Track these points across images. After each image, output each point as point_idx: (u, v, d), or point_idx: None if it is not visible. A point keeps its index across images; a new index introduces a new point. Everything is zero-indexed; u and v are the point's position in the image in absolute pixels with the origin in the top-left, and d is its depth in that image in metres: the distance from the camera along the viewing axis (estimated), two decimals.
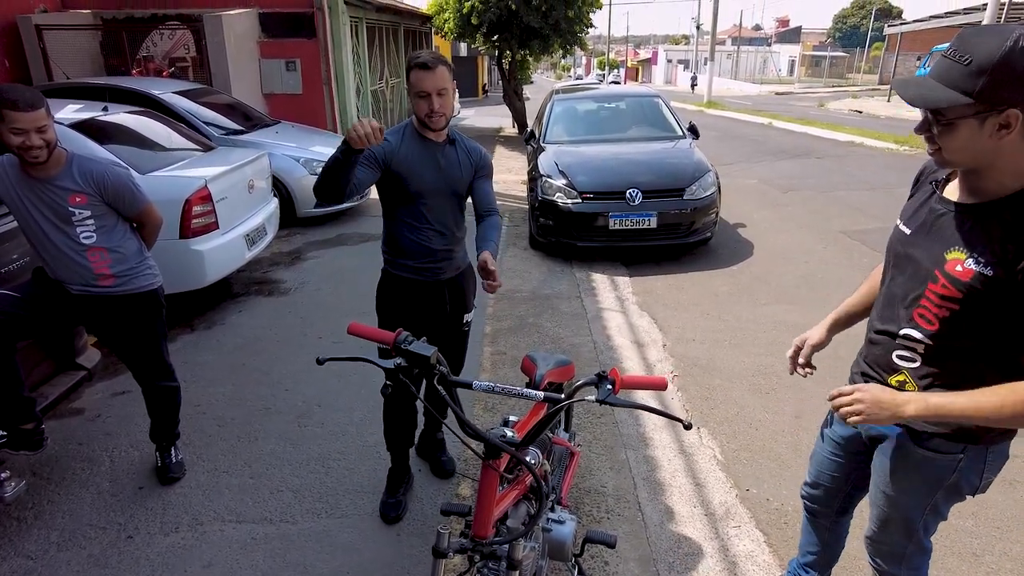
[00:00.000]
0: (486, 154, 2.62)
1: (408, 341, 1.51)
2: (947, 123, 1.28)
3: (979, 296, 1.33)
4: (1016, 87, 1.19)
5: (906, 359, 1.51)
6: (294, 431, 3.38)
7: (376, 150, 2.30)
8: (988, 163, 1.30)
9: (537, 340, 4.41)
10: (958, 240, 1.36)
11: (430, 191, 2.42)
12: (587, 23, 13.83)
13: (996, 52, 1.19)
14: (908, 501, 1.62)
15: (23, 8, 8.91)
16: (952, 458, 1.51)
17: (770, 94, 35.29)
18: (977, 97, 1.22)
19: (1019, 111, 1.21)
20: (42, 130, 2.31)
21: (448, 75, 2.25)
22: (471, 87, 33.55)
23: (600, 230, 5.91)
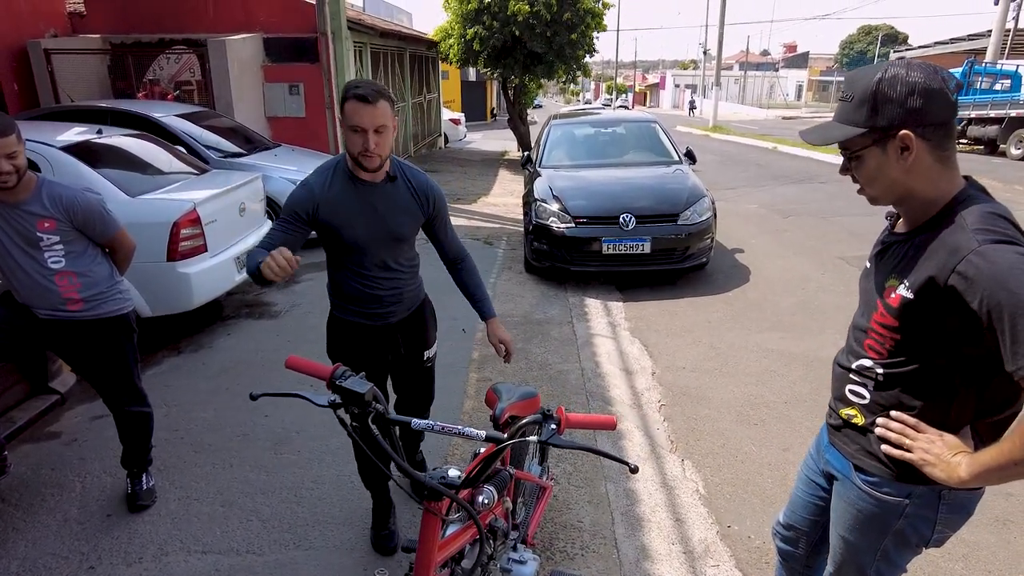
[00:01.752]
0: (437, 191, 2.32)
1: (344, 377, 1.47)
2: (856, 157, 1.35)
3: (911, 321, 1.33)
4: (894, 109, 1.26)
5: (856, 394, 1.48)
6: (270, 458, 3.32)
7: (299, 205, 2.12)
8: (907, 191, 1.34)
9: (524, 367, 4.34)
10: (894, 268, 1.39)
11: (367, 240, 2.19)
12: (590, 48, 13.95)
13: (871, 83, 1.28)
14: (857, 544, 1.56)
15: (34, 33, 9.08)
16: (898, 502, 1.44)
17: (777, 119, 35.36)
18: (866, 125, 1.30)
19: (910, 132, 1.27)
20: (12, 156, 2.31)
21: (389, 111, 2.00)
22: (479, 111, 33.87)
23: (594, 255, 5.87)
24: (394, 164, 2.22)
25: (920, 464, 1.35)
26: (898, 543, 1.51)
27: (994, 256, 1.18)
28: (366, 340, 2.40)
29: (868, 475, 1.47)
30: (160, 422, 3.64)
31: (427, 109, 18.01)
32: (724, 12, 25.26)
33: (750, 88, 52.10)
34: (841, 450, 1.54)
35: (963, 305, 1.22)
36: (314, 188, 2.14)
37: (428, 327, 2.57)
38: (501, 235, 8.17)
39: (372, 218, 2.18)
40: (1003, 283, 1.15)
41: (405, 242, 2.32)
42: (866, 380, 1.45)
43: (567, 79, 14.81)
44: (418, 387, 2.66)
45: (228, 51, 8.96)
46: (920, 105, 1.25)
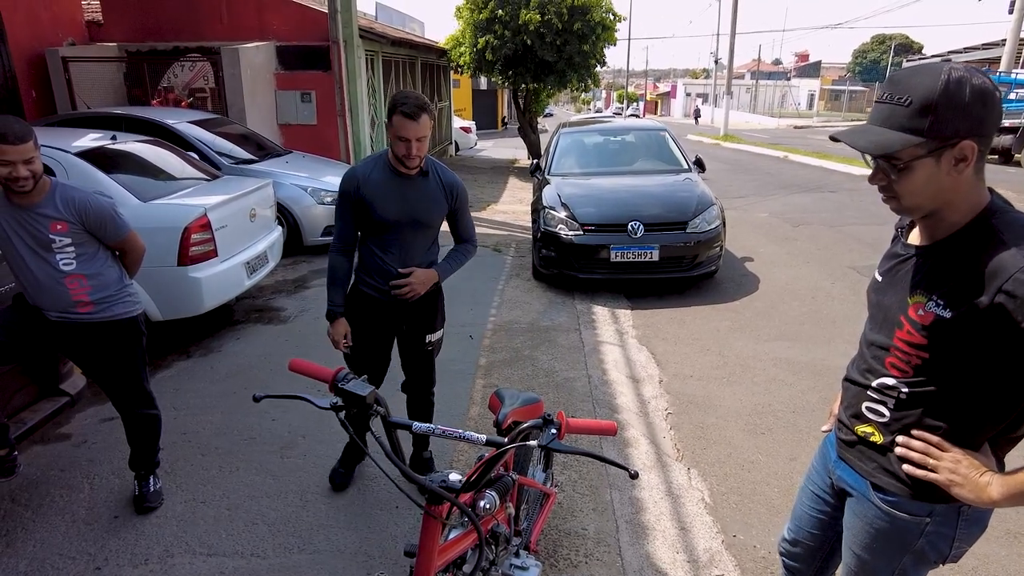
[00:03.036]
0: (461, 187, 2.75)
1: (347, 379, 1.48)
2: (904, 167, 1.24)
3: (944, 340, 1.27)
4: (962, 117, 1.17)
5: (875, 412, 1.43)
6: (276, 462, 3.34)
7: (347, 186, 2.61)
8: (946, 203, 1.26)
9: (531, 373, 4.34)
10: (919, 284, 1.31)
11: (393, 220, 2.58)
12: (600, 58, 13.98)
13: (935, 87, 1.17)
14: (875, 564, 1.51)
15: (53, 41, 9.23)
16: (918, 521, 1.40)
17: (788, 128, 35.26)
18: (928, 135, 1.19)
19: (972, 142, 1.18)
20: (29, 162, 2.35)
21: (429, 123, 2.41)
22: (490, 119, 33.98)
23: (602, 262, 5.87)
24: (428, 162, 2.62)
25: (947, 485, 1.30)
26: (916, 561, 1.46)
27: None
28: (376, 313, 2.76)
29: (887, 494, 1.43)
30: (168, 425, 3.67)
31: (438, 117, 18.10)
32: (735, 21, 25.27)
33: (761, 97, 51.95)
34: (856, 467, 1.50)
35: (1008, 324, 1.17)
36: (358, 172, 2.61)
37: (436, 314, 2.87)
38: (510, 242, 8.19)
39: (401, 203, 2.58)
40: None
41: (428, 228, 2.69)
42: (886, 398, 1.40)
43: (578, 88, 14.87)
44: (418, 368, 2.96)
45: (241, 59, 9.07)
46: (984, 114, 1.18)
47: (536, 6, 12.63)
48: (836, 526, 1.65)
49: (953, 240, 1.27)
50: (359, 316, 2.76)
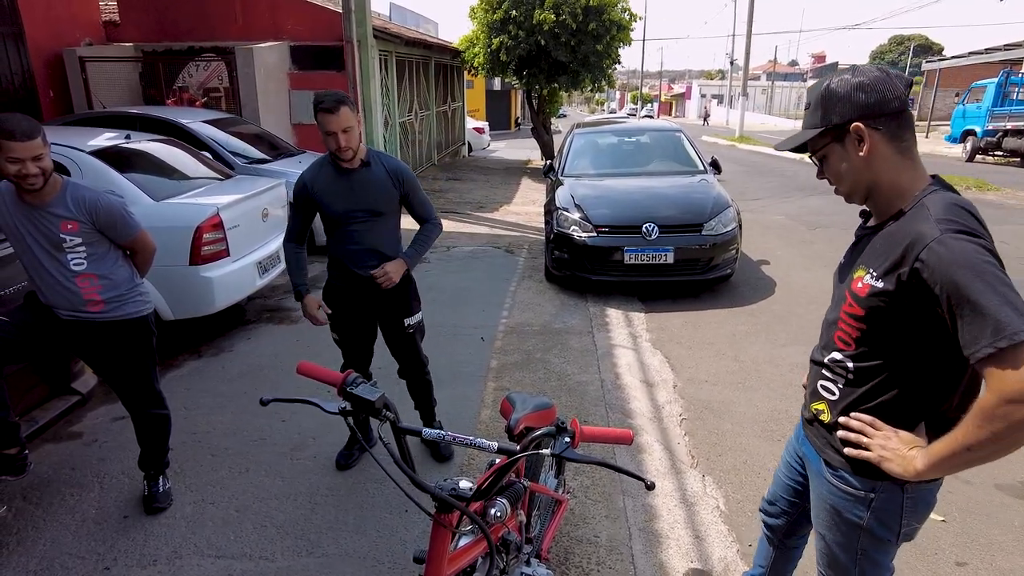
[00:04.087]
0: (406, 171, 2.89)
1: (355, 384, 1.45)
2: (821, 157, 1.46)
3: (877, 310, 1.36)
4: (845, 105, 1.37)
5: (827, 390, 1.53)
6: (286, 464, 3.32)
7: (299, 192, 2.83)
8: (873, 183, 1.41)
9: (543, 377, 4.30)
10: (862, 260, 1.43)
11: (344, 213, 2.77)
12: (615, 58, 13.91)
13: (822, 88, 1.42)
14: (835, 541, 1.58)
15: (70, 41, 9.31)
16: (863, 496, 1.48)
17: None
18: (823, 124, 1.41)
19: (861, 124, 1.36)
20: (38, 159, 2.34)
21: (350, 113, 2.57)
22: (504, 120, 33.97)
23: (615, 264, 5.81)
24: (369, 153, 2.80)
25: (878, 461, 1.38)
26: (873, 540, 1.51)
27: (954, 245, 1.22)
28: (348, 301, 2.95)
29: (834, 469, 1.52)
30: (179, 425, 3.66)
31: (451, 118, 18.11)
32: (751, 22, 25.08)
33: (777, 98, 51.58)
34: (812, 443, 1.60)
35: (925, 293, 1.27)
36: (306, 177, 2.81)
37: (409, 298, 3.03)
38: (522, 244, 8.15)
39: (348, 196, 2.76)
40: (960, 271, 1.20)
41: (381, 216, 2.83)
42: (837, 377, 1.50)
43: (592, 88, 14.80)
44: (405, 353, 3.11)
45: (255, 59, 9.09)
46: (867, 99, 1.35)
47: (551, 6, 12.59)
48: (806, 496, 1.73)
49: (894, 219, 1.39)
50: (336, 308, 2.97)
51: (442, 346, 4.64)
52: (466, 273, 6.73)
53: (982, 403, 1.22)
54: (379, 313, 3.02)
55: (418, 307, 3.09)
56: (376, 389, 1.44)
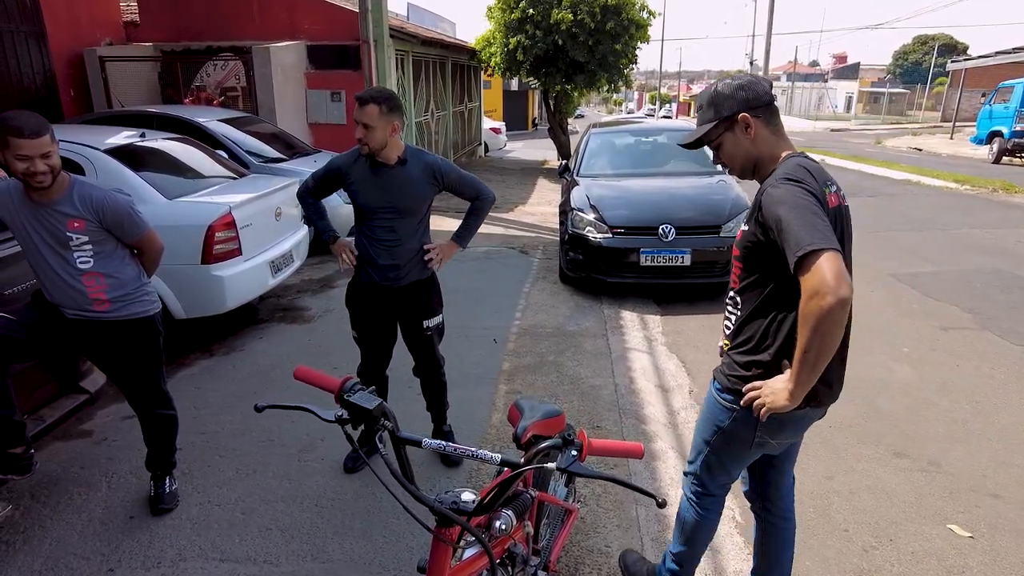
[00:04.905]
0: (442, 165, 2.90)
1: (353, 390, 1.39)
2: (717, 145, 1.83)
3: (746, 250, 1.77)
4: (731, 102, 1.76)
5: (727, 325, 1.92)
6: (293, 466, 3.28)
7: (335, 164, 2.88)
8: (757, 158, 1.79)
9: (555, 380, 4.22)
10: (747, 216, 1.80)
11: (373, 208, 2.81)
12: (633, 58, 13.78)
13: (710, 91, 1.80)
14: (701, 434, 2.03)
15: (91, 41, 9.41)
16: (726, 407, 1.89)
17: (825, 131, 34.46)
18: (716, 117, 1.78)
19: (746, 113, 1.75)
20: (46, 156, 2.31)
21: (376, 114, 2.61)
22: (521, 120, 33.90)
23: (631, 266, 5.72)
24: (407, 150, 2.83)
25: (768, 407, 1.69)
26: (728, 439, 1.92)
27: (781, 187, 1.61)
28: (368, 298, 2.97)
29: (716, 383, 1.94)
30: (188, 425, 3.65)
31: (468, 118, 18.08)
32: (772, 22, 24.79)
33: (797, 99, 50.98)
34: (714, 372, 1.97)
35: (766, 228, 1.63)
36: (343, 162, 2.88)
37: (431, 299, 3.03)
38: (537, 244, 8.08)
39: (379, 192, 2.79)
40: (780, 206, 1.57)
41: (411, 215, 2.85)
42: (731, 313, 1.88)
43: (609, 88, 14.70)
44: (422, 352, 3.12)
45: (272, 58, 9.11)
46: (747, 95, 1.75)
47: (568, 5, 12.50)
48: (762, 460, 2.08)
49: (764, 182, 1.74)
50: (359, 303, 3.01)
51: (454, 347, 4.58)
52: (480, 274, 6.67)
53: (799, 307, 1.54)
54: (400, 313, 3.03)
55: (439, 309, 3.10)
56: (374, 397, 1.39)
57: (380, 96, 2.64)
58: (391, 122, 2.68)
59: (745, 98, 1.74)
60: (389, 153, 2.76)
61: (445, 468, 3.22)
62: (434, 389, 3.25)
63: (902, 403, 3.92)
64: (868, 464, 3.28)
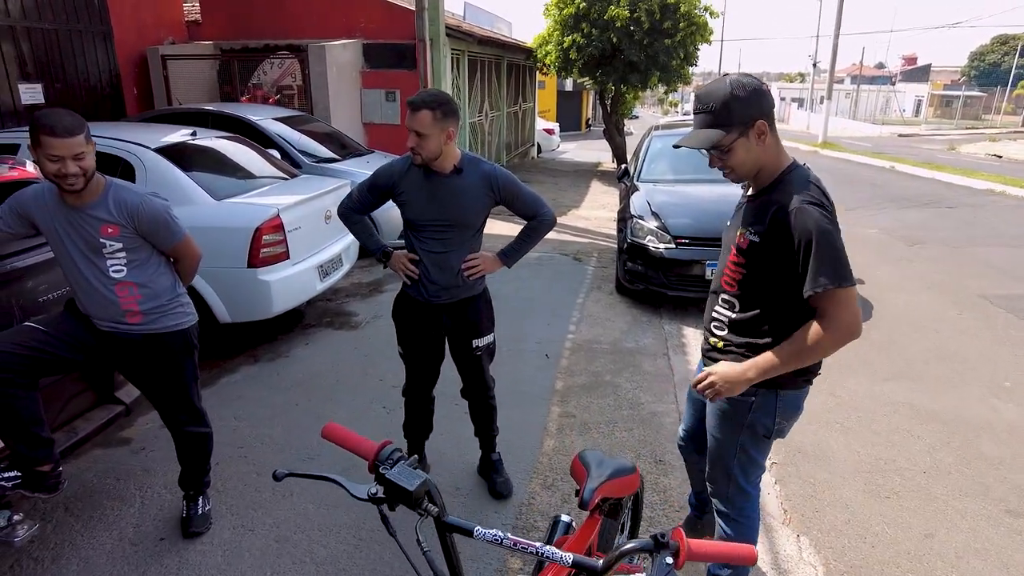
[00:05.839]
0: (502, 173, 2.63)
1: (391, 460, 1.15)
2: (728, 150, 1.76)
3: (753, 257, 1.80)
4: (749, 106, 1.71)
5: (720, 327, 1.97)
6: (333, 491, 3.05)
7: (383, 177, 2.65)
8: (762, 165, 1.79)
9: (612, 404, 3.92)
10: (744, 221, 1.85)
11: (423, 221, 2.58)
12: (691, 58, 13.28)
13: (725, 93, 1.71)
14: (722, 439, 2.04)
15: (154, 40, 9.56)
16: (746, 401, 1.92)
17: (892, 136, 32.83)
18: (737, 122, 1.72)
19: (763, 120, 1.73)
20: (79, 157, 2.16)
21: (429, 120, 2.37)
22: (574, 121, 33.49)
23: (695, 279, 5.36)
24: (464, 159, 2.57)
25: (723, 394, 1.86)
26: (752, 436, 1.98)
27: (808, 211, 1.66)
28: (415, 314, 2.77)
29: None
30: (226, 437, 3.51)
31: (521, 119, 17.85)
32: (840, 21, 23.69)
33: (862, 103, 48.91)
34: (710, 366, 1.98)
35: (786, 244, 1.70)
36: (395, 170, 2.61)
37: (480, 317, 2.79)
38: (591, 251, 7.76)
39: (431, 203, 2.55)
40: (809, 232, 1.64)
41: (464, 228, 2.62)
42: (723, 315, 1.94)
43: (665, 89, 14.19)
44: (470, 374, 2.89)
45: (327, 56, 9.05)
46: (764, 102, 1.74)
47: (626, 3, 12.11)
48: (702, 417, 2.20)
49: (766, 190, 1.80)
50: (406, 318, 2.81)
51: (504, 362, 4.31)
52: (531, 281, 6.41)
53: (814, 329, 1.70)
54: (448, 331, 2.80)
55: (490, 328, 2.85)
56: (416, 473, 1.14)
57: (434, 100, 2.39)
58: (446, 129, 2.42)
59: (763, 104, 1.74)
60: (444, 162, 2.51)
61: (492, 501, 2.97)
62: (482, 413, 3.01)
63: (1010, 448, 3.47)
64: (975, 522, 2.87)
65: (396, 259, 2.71)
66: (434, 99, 2.39)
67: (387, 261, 2.76)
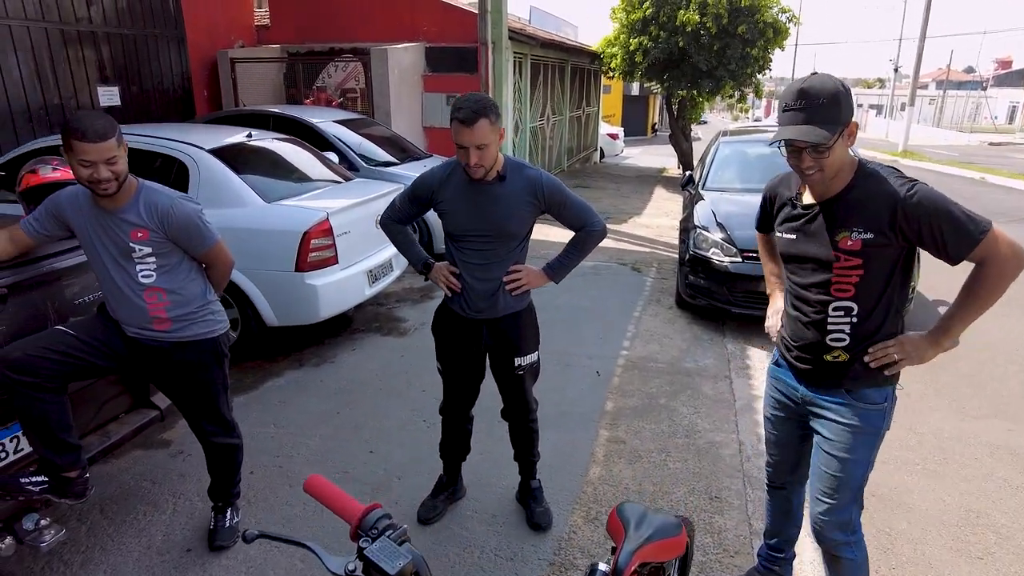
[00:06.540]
0: (547, 179, 2.43)
1: (376, 531, 0.99)
2: (828, 149, 1.71)
3: (871, 254, 1.78)
4: (849, 106, 1.73)
5: (838, 339, 1.87)
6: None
7: (421, 187, 2.49)
8: (842, 166, 1.79)
9: (667, 430, 3.65)
10: (838, 225, 1.80)
11: (464, 231, 2.42)
12: (765, 64, 12.71)
13: (837, 87, 1.71)
14: (854, 459, 1.91)
15: (225, 44, 9.83)
16: (882, 407, 1.89)
17: (981, 144, 30.73)
18: (841, 122, 1.71)
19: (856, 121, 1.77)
20: (111, 162, 2.09)
21: (490, 128, 2.19)
22: (640, 126, 32.94)
23: (762, 296, 4.96)
24: (507, 164, 2.39)
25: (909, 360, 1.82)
26: (879, 442, 1.94)
27: (921, 191, 1.71)
28: (454, 328, 2.60)
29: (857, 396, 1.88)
30: (264, 444, 3.45)
31: (584, 123, 17.58)
32: (928, 19, 22.32)
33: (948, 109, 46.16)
34: (828, 384, 1.93)
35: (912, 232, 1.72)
36: (435, 176, 2.46)
37: (523, 335, 2.60)
38: (651, 262, 7.45)
39: (474, 212, 2.38)
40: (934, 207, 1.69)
41: (507, 239, 2.43)
42: (842, 323, 1.86)
43: (736, 96, 13.67)
44: (509, 394, 2.71)
45: (389, 59, 9.07)
46: (851, 102, 1.74)
47: (696, 6, 11.69)
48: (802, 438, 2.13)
49: (849, 189, 1.80)
50: (445, 332, 2.65)
51: (552, 377, 4.11)
52: (585, 291, 6.17)
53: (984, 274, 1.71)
54: (489, 347, 2.62)
55: (534, 346, 2.65)
56: (402, 551, 0.98)
57: (485, 107, 2.18)
58: (499, 129, 2.25)
59: (851, 104, 1.73)
60: (487, 175, 2.34)
61: (530, 532, 2.77)
62: (523, 437, 2.81)
63: None
64: None
65: (437, 271, 2.56)
66: (484, 105, 2.19)
67: (428, 273, 2.61)
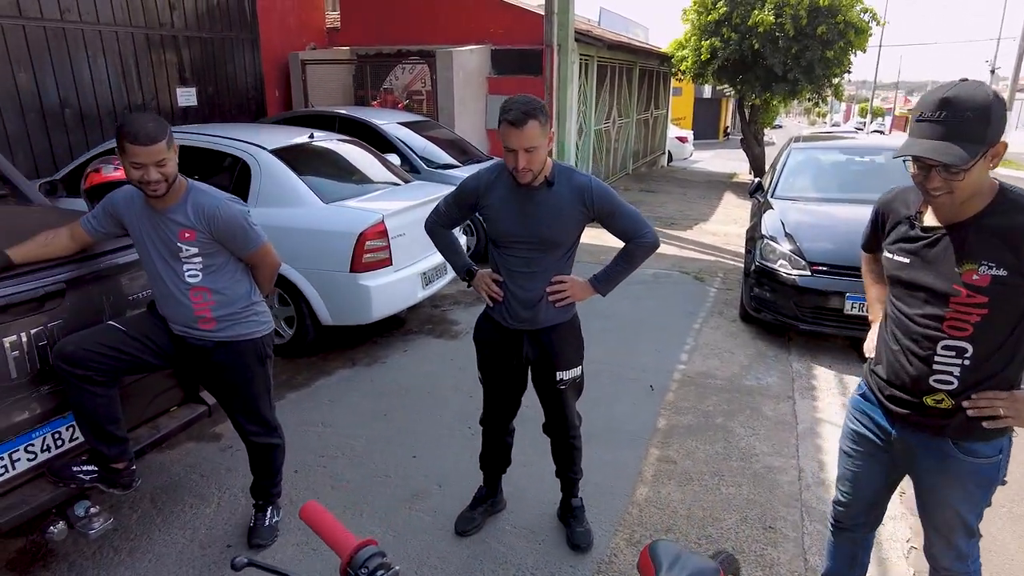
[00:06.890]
0: (597, 186, 2.32)
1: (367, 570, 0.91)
2: (967, 169, 1.48)
3: (1000, 293, 1.56)
4: (1001, 124, 1.48)
5: (943, 381, 1.67)
6: (402, 515, 2.90)
7: (466, 191, 2.42)
8: (978, 188, 1.55)
9: (721, 452, 3.45)
10: (965, 255, 1.58)
11: (508, 237, 2.34)
12: (846, 67, 12.11)
13: (988, 101, 1.46)
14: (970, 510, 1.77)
15: (297, 46, 10.13)
16: (995, 460, 1.72)
17: None
18: (986, 141, 1.47)
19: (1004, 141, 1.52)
20: (161, 164, 2.13)
21: (540, 130, 2.11)
22: (711, 129, 32.18)
23: (831, 313, 4.70)
24: (555, 169, 2.30)
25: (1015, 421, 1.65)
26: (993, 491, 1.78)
27: None
28: (494, 338, 2.52)
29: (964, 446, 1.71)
30: (311, 443, 3.47)
31: (652, 126, 17.24)
32: None
33: None
34: (928, 431, 1.74)
35: None
36: (481, 180, 2.39)
37: (565, 348, 2.48)
38: (716, 271, 7.17)
39: (520, 219, 2.30)
40: None
41: (552, 248, 2.34)
42: (952, 366, 1.65)
43: (814, 100, 13.09)
44: (550, 409, 2.62)
45: (454, 61, 9.11)
46: (1004, 117, 1.51)
47: (772, 7, 11.24)
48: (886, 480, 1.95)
49: (984, 215, 1.57)
50: (487, 341, 2.56)
51: (601, 390, 3.98)
52: (644, 300, 5.98)
53: None
54: (530, 360, 2.52)
55: (577, 361, 2.53)
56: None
57: (535, 108, 2.10)
58: (548, 132, 2.17)
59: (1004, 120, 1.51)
60: (536, 179, 2.26)
61: (569, 552, 2.66)
62: (564, 454, 2.69)
63: None
64: None
65: (480, 279, 2.49)
66: (534, 106, 2.11)
67: (471, 280, 2.54)
